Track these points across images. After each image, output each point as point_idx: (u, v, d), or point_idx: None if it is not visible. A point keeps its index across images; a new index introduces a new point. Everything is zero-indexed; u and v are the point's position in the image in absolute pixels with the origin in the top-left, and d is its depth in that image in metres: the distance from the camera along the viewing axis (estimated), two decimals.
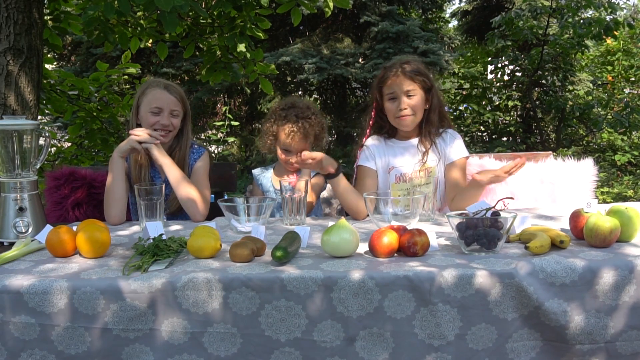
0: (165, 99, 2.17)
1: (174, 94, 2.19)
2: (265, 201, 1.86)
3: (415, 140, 2.28)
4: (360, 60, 8.09)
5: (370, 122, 2.33)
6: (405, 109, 2.18)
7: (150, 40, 3.92)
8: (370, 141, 2.32)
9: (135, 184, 2.05)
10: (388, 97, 2.22)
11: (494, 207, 1.57)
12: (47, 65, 3.75)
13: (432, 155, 2.25)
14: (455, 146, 2.26)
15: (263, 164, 2.97)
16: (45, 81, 3.67)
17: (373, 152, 2.28)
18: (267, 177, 2.45)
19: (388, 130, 2.33)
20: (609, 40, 8.18)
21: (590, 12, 7.49)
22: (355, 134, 8.19)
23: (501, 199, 1.60)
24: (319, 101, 9.21)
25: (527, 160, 2.56)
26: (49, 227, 1.67)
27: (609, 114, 7.52)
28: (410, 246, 1.47)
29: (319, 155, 2.01)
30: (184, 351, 1.34)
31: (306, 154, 1.99)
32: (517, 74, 8.59)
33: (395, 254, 1.50)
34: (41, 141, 1.92)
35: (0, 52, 2.64)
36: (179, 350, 1.34)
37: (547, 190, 2.39)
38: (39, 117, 3.54)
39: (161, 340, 1.34)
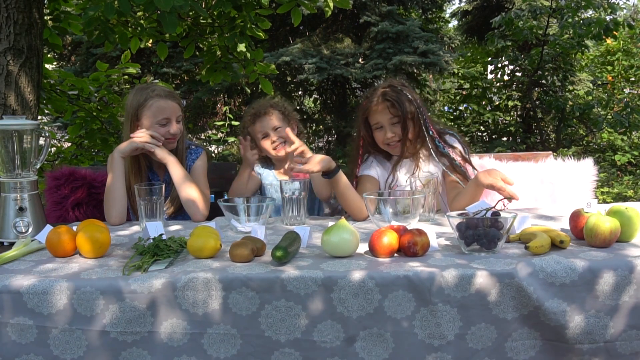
0: (170, 108, 2.15)
1: (176, 100, 2.19)
2: (265, 201, 1.86)
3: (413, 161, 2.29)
4: (360, 60, 8.09)
5: (360, 152, 2.31)
6: (392, 136, 2.19)
7: (150, 40, 3.92)
8: (371, 158, 2.32)
9: (133, 185, 2.03)
10: (374, 127, 2.22)
11: (494, 207, 1.57)
12: (47, 65, 3.75)
13: (432, 166, 2.25)
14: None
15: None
16: (45, 81, 3.67)
17: (374, 164, 2.30)
18: (269, 172, 2.48)
19: (380, 152, 2.31)
20: (609, 40, 8.18)
21: (590, 12, 7.50)
22: (355, 134, 8.18)
23: (501, 199, 1.60)
24: (319, 101, 9.21)
25: (526, 160, 2.57)
26: (49, 227, 1.67)
27: (609, 114, 7.52)
28: (411, 246, 1.47)
29: (304, 147, 2.07)
30: (183, 353, 1.33)
31: (290, 134, 2.09)
32: (517, 74, 8.60)
33: (395, 254, 1.50)
34: (41, 141, 1.92)
35: (0, 52, 2.64)
36: (178, 352, 1.33)
37: (547, 190, 2.39)
38: (39, 117, 3.54)
39: (160, 342, 1.33)
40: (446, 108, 9.73)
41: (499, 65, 8.66)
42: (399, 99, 2.16)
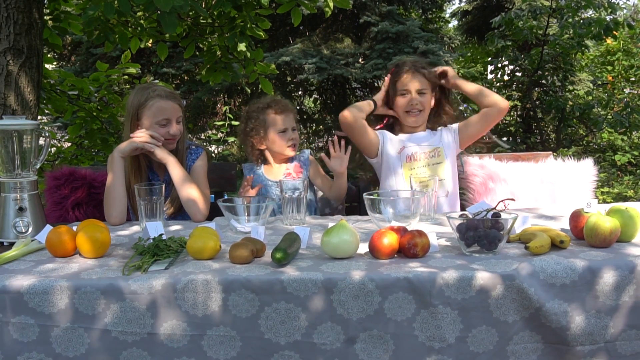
0: (171, 108, 2.15)
1: (176, 101, 2.19)
2: (265, 201, 1.86)
3: (422, 132, 2.45)
4: (360, 60, 8.09)
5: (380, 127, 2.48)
6: (416, 104, 2.35)
7: (150, 40, 3.92)
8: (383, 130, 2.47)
9: (133, 185, 2.03)
10: (400, 93, 2.36)
11: (494, 208, 1.57)
12: (47, 65, 3.75)
13: (440, 138, 2.41)
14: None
15: None
16: (45, 81, 3.67)
17: (383, 132, 2.43)
18: (259, 172, 2.48)
19: (389, 124, 2.46)
20: (609, 40, 8.17)
21: (590, 12, 7.49)
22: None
23: (502, 200, 1.60)
24: (319, 101, 9.21)
25: (526, 160, 2.57)
26: (49, 227, 1.67)
27: (609, 114, 7.51)
28: (411, 247, 1.46)
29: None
30: (183, 354, 1.33)
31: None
32: (517, 74, 8.58)
33: (395, 255, 1.50)
34: (41, 141, 1.92)
35: (0, 52, 2.63)
36: (178, 354, 1.33)
37: (547, 190, 2.40)
38: (39, 117, 3.54)
39: (160, 344, 1.33)
40: None
41: (499, 65, 8.64)
42: (432, 73, 2.40)
